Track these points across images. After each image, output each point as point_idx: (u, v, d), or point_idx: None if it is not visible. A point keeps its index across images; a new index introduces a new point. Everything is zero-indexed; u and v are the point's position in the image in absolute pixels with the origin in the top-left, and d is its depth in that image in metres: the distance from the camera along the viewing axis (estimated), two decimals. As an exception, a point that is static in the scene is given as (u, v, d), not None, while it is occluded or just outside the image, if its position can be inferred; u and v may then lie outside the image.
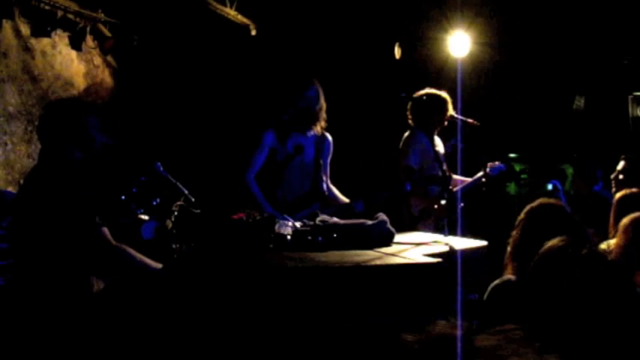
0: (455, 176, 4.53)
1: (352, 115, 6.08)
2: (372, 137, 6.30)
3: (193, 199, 3.29)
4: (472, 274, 2.91)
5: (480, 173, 4.43)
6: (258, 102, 5.56)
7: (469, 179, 4.54)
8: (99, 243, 2.75)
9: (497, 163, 4.55)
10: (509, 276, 2.41)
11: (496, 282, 2.43)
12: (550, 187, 5.23)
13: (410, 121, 4.53)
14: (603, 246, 2.80)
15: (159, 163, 3.52)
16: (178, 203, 3.14)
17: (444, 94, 4.43)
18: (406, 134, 4.54)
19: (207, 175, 5.24)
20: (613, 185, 4.21)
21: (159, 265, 2.76)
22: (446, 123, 4.40)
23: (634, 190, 3.28)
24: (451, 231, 3.56)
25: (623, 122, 6.99)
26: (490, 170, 4.44)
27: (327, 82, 4.07)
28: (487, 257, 3.24)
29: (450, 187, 4.09)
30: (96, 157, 2.91)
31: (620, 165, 4.16)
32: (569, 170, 6.89)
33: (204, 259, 2.79)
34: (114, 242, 2.78)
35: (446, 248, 3.11)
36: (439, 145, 4.45)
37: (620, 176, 4.12)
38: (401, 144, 4.54)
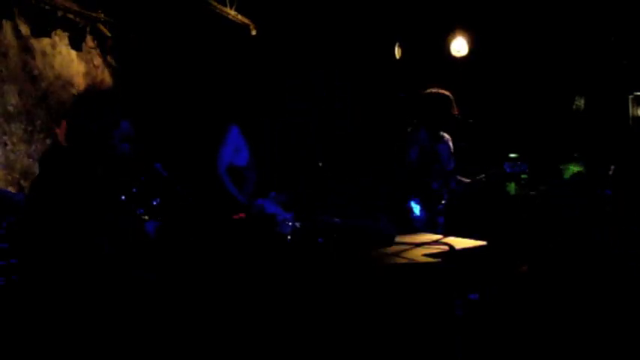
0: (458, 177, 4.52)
1: (352, 115, 6.08)
2: (371, 137, 6.30)
3: (192, 199, 3.29)
4: (472, 274, 2.91)
5: (481, 175, 4.44)
6: (258, 102, 5.55)
7: (468, 180, 4.54)
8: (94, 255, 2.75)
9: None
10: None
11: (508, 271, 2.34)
12: None
13: (412, 119, 4.52)
14: None
15: (159, 163, 3.52)
16: (179, 203, 3.14)
17: (446, 92, 4.44)
18: (408, 131, 4.53)
19: (207, 175, 5.23)
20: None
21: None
22: (448, 123, 4.40)
23: None
24: (451, 231, 3.57)
25: (623, 122, 6.99)
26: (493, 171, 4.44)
27: (326, 81, 4.07)
28: (487, 257, 3.24)
29: (450, 187, 4.10)
30: (113, 164, 2.94)
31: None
32: (574, 169, 6.89)
33: (205, 260, 2.79)
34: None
35: (446, 248, 3.11)
36: (444, 143, 4.45)
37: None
38: (403, 140, 4.53)
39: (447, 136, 4.52)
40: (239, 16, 5.87)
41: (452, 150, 4.52)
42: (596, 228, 1.36)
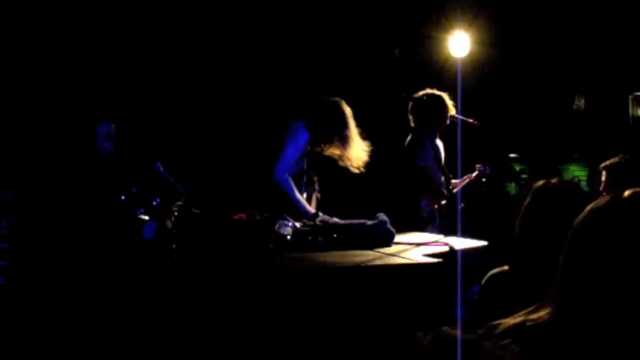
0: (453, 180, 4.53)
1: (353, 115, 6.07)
2: (372, 138, 6.29)
3: (193, 199, 3.29)
4: (472, 274, 2.91)
5: (474, 173, 4.48)
6: (259, 101, 5.55)
7: (458, 180, 4.54)
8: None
9: (479, 165, 4.55)
10: (504, 267, 2.30)
11: (494, 271, 2.34)
12: None
13: (412, 123, 4.52)
14: None
15: (159, 163, 3.53)
16: (178, 203, 3.14)
17: (443, 93, 4.43)
18: (410, 136, 4.52)
19: (208, 175, 5.23)
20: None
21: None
22: (447, 123, 4.40)
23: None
24: (451, 231, 3.57)
25: (623, 122, 6.99)
26: (480, 171, 4.48)
27: (326, 82, 4.07)
28: (487, 257, 3.24)
29: (451, 188, 4.10)
30: (99, 163, 2.97)
31: (603, 177, 3.78)
32: (574, 169, 6.88)
33: (204, 259, 2.79)
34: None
35: (446, 248, 3.12)
36: (440, 146, 4.46)
37: (604, 187, 3.80)
38: (406, 146, 4.52)
39: (439, 140, 4.53)
40: (239, 16, 5.87)
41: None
42: (578, 233, 1.31)
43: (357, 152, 3.87)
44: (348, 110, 3.94)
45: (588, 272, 1.26)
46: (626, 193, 1.26)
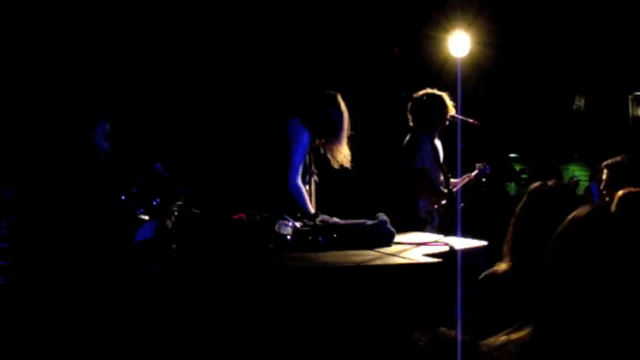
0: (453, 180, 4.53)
1: (352, 116, 6.07)
2: (372, 138, 6.29)
3: (193, 199, 3.29)
4: (472, 274, 2.91)
5: (474, 172, 4.48)
6: (259, 101, 5.56)
7: (458, 180, 4.54)
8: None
9: (480, 165, 4.55)
10: (498, 267, 2.29)
11: (485, 273, 2.34)
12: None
13: (411, 123, 4.52)
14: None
15: (159, 163, 3.53)
16: (178, 203, 3.14)
17: (443, 93, 4.43)
18: (409, 136, 4.53)
19: (208, 175, 5.23)
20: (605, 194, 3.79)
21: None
22: (447, 123, 4.41)
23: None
24: (451, 231, 3.57)
25: (623, 122, 7.00)
26: (480, 170, 4.48)
27: (326, 82, 4.07)
28: (487, 257, 3.24)
29: (450, 188, 4.11)
30: (97, 162, 2.97)
31: (605, 175, 3.74)
32: (574, 169, 6.89)
33: (204, 259, 2.79)
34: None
35: (446, 248, 3.11)
36: (439, 146, 4.46)
37: (605, 186, 3.76)
38: (405, 146, 4.53)
39: (438, 140, 4.53)
40: (238, 16, 5.87)
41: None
42: (561, 241, 1.25)
43: (346, 149, 3.89)
44: (343, 105, 3.93)
45: (571, 283, 1.25)
46: (620, 192, 1.27)
